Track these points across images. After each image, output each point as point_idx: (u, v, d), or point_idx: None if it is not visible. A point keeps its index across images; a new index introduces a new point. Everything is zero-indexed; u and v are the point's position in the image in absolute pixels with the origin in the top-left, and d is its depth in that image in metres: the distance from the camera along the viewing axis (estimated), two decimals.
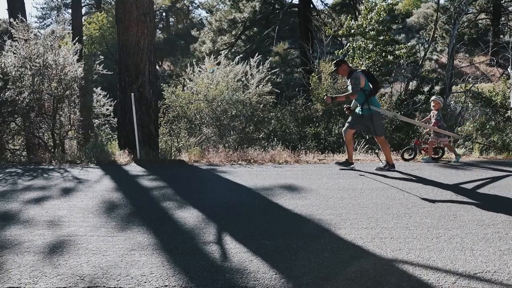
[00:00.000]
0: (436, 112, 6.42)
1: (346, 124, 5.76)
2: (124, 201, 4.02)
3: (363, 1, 12.69)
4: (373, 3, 11.79)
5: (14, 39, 8.58)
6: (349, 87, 5.58)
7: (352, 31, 12.04)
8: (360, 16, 12.44)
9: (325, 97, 5.78)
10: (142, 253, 2.63)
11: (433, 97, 6.69)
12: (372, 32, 11.59)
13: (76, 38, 11.52)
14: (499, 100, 9.81)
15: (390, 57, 11.68)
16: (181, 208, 3.71)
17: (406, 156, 6.65)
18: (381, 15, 11.53)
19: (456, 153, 6.53)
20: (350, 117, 5.74)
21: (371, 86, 5.47)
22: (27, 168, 6.24)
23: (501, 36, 26.05)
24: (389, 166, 5.64)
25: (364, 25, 11.78)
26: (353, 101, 5.74)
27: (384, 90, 13.12)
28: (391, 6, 11.88)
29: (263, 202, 3.96)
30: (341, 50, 12.91)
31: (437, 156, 6.55)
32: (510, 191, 4.27)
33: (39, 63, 8.40)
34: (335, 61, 5.71)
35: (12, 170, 5.98)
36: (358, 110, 5.56)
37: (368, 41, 11.67)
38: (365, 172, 5.54)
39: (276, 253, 2.61)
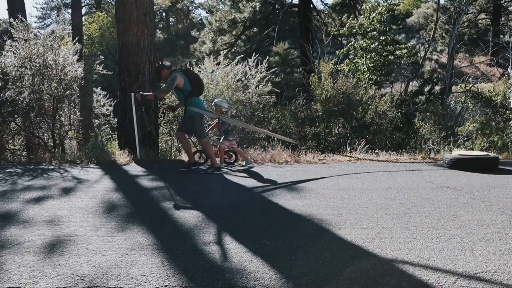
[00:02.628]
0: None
1: (178, 127, 5.72)
2: (124, 201, 4.02)
3: (365, 1, 12.71)
4: (376, 3, 11.82)
5: (14, 39, 8.58)
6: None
7: (354, 30, 12.05)
8: (362, 16, 12.45)
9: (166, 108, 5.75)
10: (142, 253, 2.63)
11: (213, 103, 6.30)
12: (374, 32, 11.61)
13: (76, 38, 11.52)
14: (499, 100, 9.81)
15: (391, 57, 11.70)
16: (181, 208, 3.71)
17: (196, 158, 6.34)
18: (384, 15, 11.55)
19: (247, 157, 6.33)
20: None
21: (191, 87, 5.44)
22: (27, 168, 6.24)
23: (501, 36, 26.07)
24: (213, 168, 5.69)
25: (366, 25, 11.79)
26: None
27: (384, 90, 13.12)
28: (393, 7, 11.90)
29: (263, 202, 3.96)
30: (341, 50, 12.92)
31: (231, 161, 6.33)
32: (510, 191, 4.28)
33: (39, 63, 8.40)
34: (155, 68, 5.70)
35: (12, 170, 5.98)
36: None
37: (370, 41, 11.69)
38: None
39: (276, 253, 2.61)
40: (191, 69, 5.72)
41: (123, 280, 2.24)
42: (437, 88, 11.74)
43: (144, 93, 5.79)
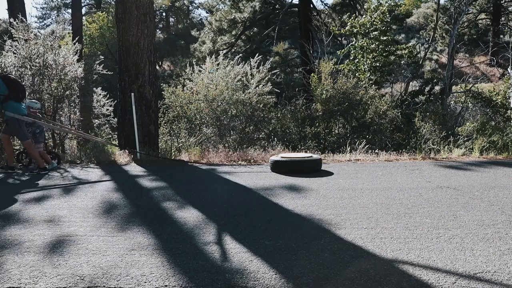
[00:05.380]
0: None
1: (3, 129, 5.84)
2: (124, 201, 4.02)
3: (366, 1, 12.69)
4: (379, 3, 11.81)
5: (14, 39, 8.58)
6: None
7: (355, 30, 12.05)
8: (364, 16, 12.45)
9: None
10: (142, 253, 2.63)
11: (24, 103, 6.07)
12: (375, 32, 11.60)
13: (76, 38, 11.51)
14: (499, 100, 9.80)
15: (392, 57, 11.70)
16: (181, 208, 3.71)
17: (21, 160, 6.25)
18: (386, 15, 11.55)
19: (43, 164, 5.89)
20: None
21: (8, 91, 5.52)
22: (27, 168, 6.23)
23: (501, 36, 26.08)
24: (39, 169, 5.70)
25: (368, 25, 11.79)
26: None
27: (384, 90, 13.13)
28: (394, 7, 11.90)
29: (263, 202, 3.96)
30: (342, 50, 12.92)
31: (20, 164, 6.17)
32: (510, 191, 4.28)
33: (39, 63, 8.40)
34: None
35: (12, 170, 5.97)
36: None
37: (371, 41, 11.68)
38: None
39: (276, 253, 2.61)
40: (11, 76, 5.91)
41: (123, 280, 2.24)
42: (437, 88, 11.74)
43: None
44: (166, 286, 2.18)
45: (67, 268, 2.41)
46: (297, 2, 20.52)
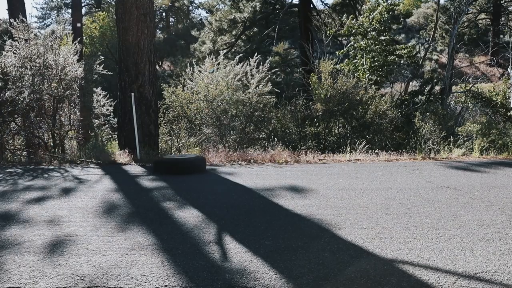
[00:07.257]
0: None
1: None
2: (124, 201, 4.02)
3: (365, 1, 12.69)
4: (376, 3, 11.81)
5: (14, 39, 8.58)
6: None
7: (353, 31, 12.05)
8: (362, 16, 12.45)
9: None
10: (142, 253, 2.63)
11: None
12: (374, 32, 11.60)
13: (78, 39, 11.52)
14: (499, 100, 9.80)
15: (391, 57, 11.69)
16: (181, 208, 3.71)
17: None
18: (383, 15, 11.54)
19: None
20: None
21: None
22: (27, 168, 6.24)
23: (501, 36, 26.08)
24: None
25: (366, 25, 11.78)
26: None
27: (384, 90, 13.12)
28: (393, 7, 11.89)
29: (263, 202, 3.96)
30: (342, 50, 12.92)
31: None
32: (510, 191, 4.28)
33: (39, 63, 8.39)
34: None
35: (12, 170, 5.98)
36: None
37: (370, 41, 11.68)
38: None
39: (276, 253, 2.61)
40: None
41: (123, 280, 2.24)
42: (437, 88, 11.74)
43: None
44: (166, 286, 2.18)
45: (67, 268, 2.41)
46: (297, 2, 20.51)
